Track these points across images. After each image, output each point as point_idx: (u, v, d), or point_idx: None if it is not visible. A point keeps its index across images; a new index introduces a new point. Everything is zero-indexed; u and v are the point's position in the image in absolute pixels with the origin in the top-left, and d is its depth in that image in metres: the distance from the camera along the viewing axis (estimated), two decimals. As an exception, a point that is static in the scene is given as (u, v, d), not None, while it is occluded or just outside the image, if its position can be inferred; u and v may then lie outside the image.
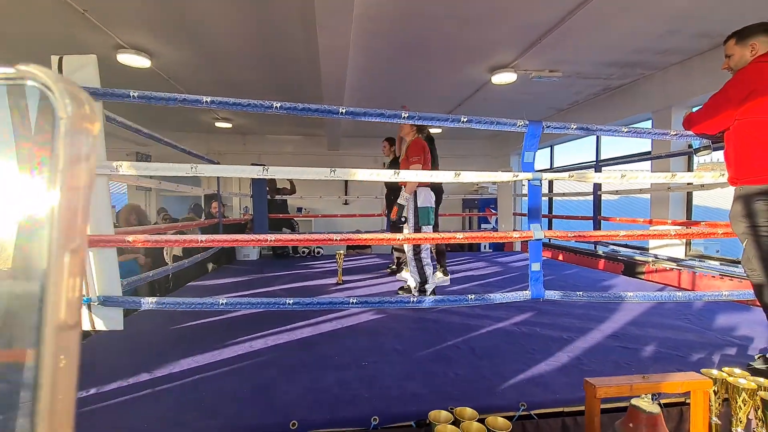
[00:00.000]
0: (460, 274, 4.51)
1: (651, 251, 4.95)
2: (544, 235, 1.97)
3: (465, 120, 1.95)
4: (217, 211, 4.67)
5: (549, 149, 7.89)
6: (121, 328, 1.90)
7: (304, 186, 8.14)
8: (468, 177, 1.98)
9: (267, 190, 5.92)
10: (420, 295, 3.17)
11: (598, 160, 6.18)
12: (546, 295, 2.04)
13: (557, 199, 7.33)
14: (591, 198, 5.22)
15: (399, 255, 4.49)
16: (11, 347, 0.34)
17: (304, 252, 6.25)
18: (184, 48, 4.21)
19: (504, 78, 4.90)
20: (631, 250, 5.21)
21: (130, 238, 1.72)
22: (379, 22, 3.59)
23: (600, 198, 5.13)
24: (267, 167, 1.78)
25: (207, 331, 2.52)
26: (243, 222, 5.86)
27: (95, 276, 1.77)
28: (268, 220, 5.49)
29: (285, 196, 6.55)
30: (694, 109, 2.20)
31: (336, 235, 1.86)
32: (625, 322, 2.65)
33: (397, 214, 3.10)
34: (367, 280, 4.18)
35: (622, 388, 1.14)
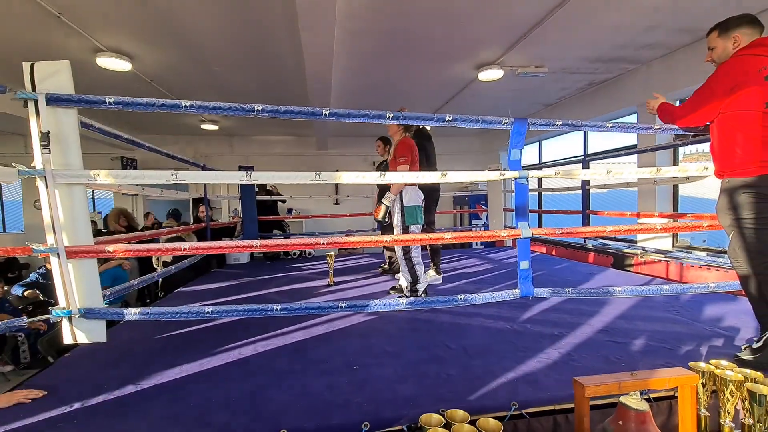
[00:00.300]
0: (452, 272, 4.51)
1: (639, 244, 5.01)
2: (532, 233, 1.97)
3: (450, 119, 1.94)
4: (205, 215, 4.60)
5: (537, 144, 7.95)
6: (104, 340, 1.85)
7: (294, 186, 8.09)
8: (454, 177, 1.97)
9: (257, 190, 5.86)
10: (411, 295, 3.16)
11: (585, 154, 6.24)
12: (535, 292, 2.04)
13: (548, 193, 7.37)
14: (580, 192, 5.26)
15: (391, 254, 4.48)
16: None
17: (295, 254, 6.20)
18: (166, 50, 4.13)
19: (490, 75, 4.91)
20: (620, 243, 5.27)
21: (110, 248, 1.68)
22: (363, 21, 3.56)
23: (588, 192, 5.17)
24: (251, 172, 1.74)
25: (194, 339, 2.48)
26: (232, 225, 5.79)
27: (75, 288, 1.72)
28: (257, 223, 5.44)
29: (276, 197, 6.48)
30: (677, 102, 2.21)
31: (323, 238, 1.84)
32: (615, 316, 2.67)
33: (380, 213, 3.07)
34: (358, 280, 4.16)
35: (611, 386, 1.14)
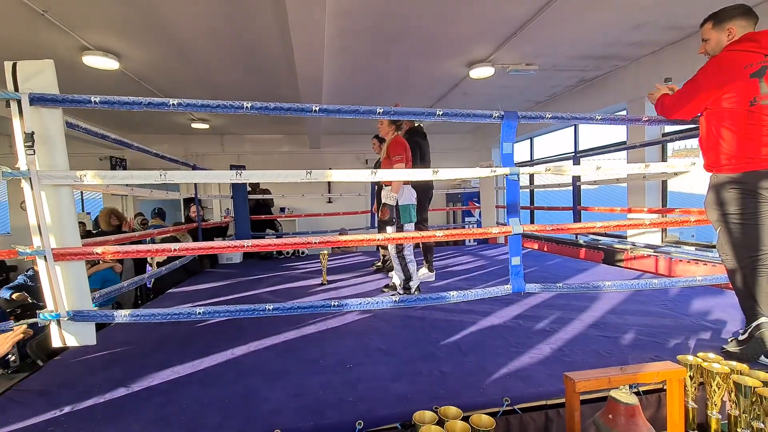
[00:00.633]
0: (445, 269, 4.53)
1: (629, 239, 5.07)
2: (523, 230, 1.98)
3: (440, 114, 1.94)
4: (196, 215, 4.56)
5: (529, 141, 8.00)
6: (93, 343, 1.83)
7: (287, 185, 8.04)
8: (446, 174, 1.98)
9: (249, 189, 5.81)
10: (405, 293, 3.17)
11: (576, 151, 6.29)
12: (527, 288, 2.06)
13: (539, 189, 7.42)
14: (571, 189, 5.30)
15: (385, 252, 4.48)
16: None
17: (288, 253, 6.18)
18: (154, 48, 4.07)
19: (482, 72, 4.93)
20: (611, 239, 5.32)
21: (98, 250, 1.65)
22: (353, 18, 3.54)
23: (579, 189, 5.21)
24: (241, 171, 1.73)
25: (186, 340, 2.45)
26: (224, 225, 5.74)
27: (63, 290, 1.69)
28: (249, 223, 5.40)
29: (268, 197, 6.45)
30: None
31: (315, 237, 1.83)
32: (605, 311, 2.70)
33: (387, 214, 3.10)
34: (352, 279, 4.15)
35: (601, 381, 1.16)
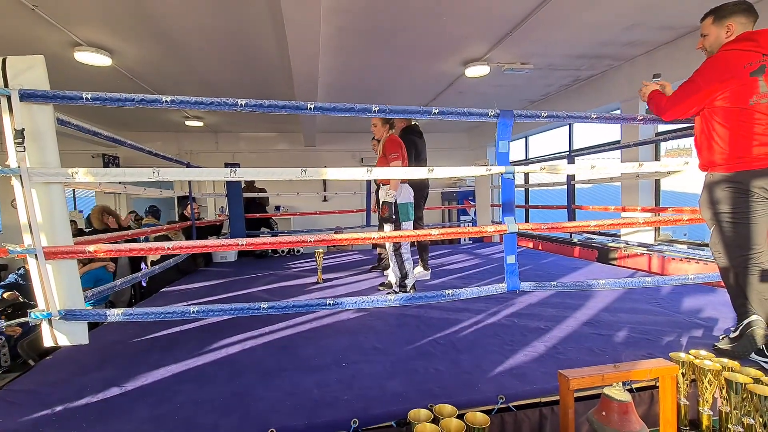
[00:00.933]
0: (441, 268, 4.54)
1: (623, 237, 5.11)
2: (518, 228, 1.99)
3: (436, 112, 1.94)
4: (190, 213, 4.53)
5: (524, 140, 8.03)
6: (86, 342, 1.81)
7: (282, 184, 8.01)
8: (441, 172, 1.98)
9: (244, 186, 5.78)
10: (401, 290, 3.18)
11: (570, 150, 6.32)
12: (521, 286, 2.07)
13: (534, 188, 7.46)
14: (566, 187, 5.33)
15: (381, 251, 4.48)
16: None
17: (283, 251, 6.16)
18: (148, 45, 4.03)
19: (477, 71, 4.93)
20: (604, 237, 5.36)
21: (90, 248, 1.63)
22: (349, 16, 3.52)
23: (574, 187, 5.24)
24: (235, 169, 1.72)
25: (180, 339, 2.44)
26: (218, 223, 5.71)
27: (55, 289, 1.67)
28: (244, 221, 5.38)
29: (263, 195, 6.42)
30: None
31: (310, 236, 1.82)
32: (599, 308, 2.72)
33: (386, 212, 3.10)
34: (347, 277, 4.15)
35: (594, 378, 1.16)
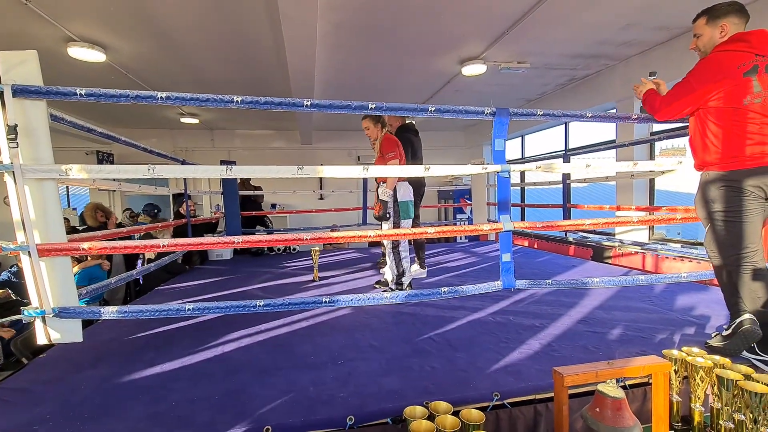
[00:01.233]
0: (437, 266, 4.55)
1: (617, 236, 5.14)
2: (513, 226, 2.00)
3: (433, 109, 1.94)
4: (186, 211, 4.50)
5: (520, 139, 8.06)
6: (80, 340, 1.80)
7: (278, 182, 7.99)
8: (438, 171, 1.98)
9: (239, 186, 5.75)
10: (397, 288, 3.19)
11: (566, 149, 6.35)
12: (517, 284, 2.08)
13: (530, 187, 7.48)
14: (561, 186, 5.35)
15: (383, 248, 4.48)
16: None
17: (279, 249, 6.15)
18: (143, 41, 4.00)
19: (474, 69, 4.94)
20: (599, 236, 5.40)
21: (84, 246, 1.62)
22: (345, 13, 3.51)
23: (569, 186, 5.27)
24: (231, 167, 1.71)
25: (176, 336, 2.43)
26: (213, 221, 5.68)
27: (48, 286, 1.66)
28: (240, 219, 5.35)
29: (258, 193, 6.40)
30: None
31: (306, 234, 1.82)
32: (594, 306, 2.74)
33: (381, 210, 3.12)
34: (343, 275, 4.15)
35: (588, 375, 1.17)
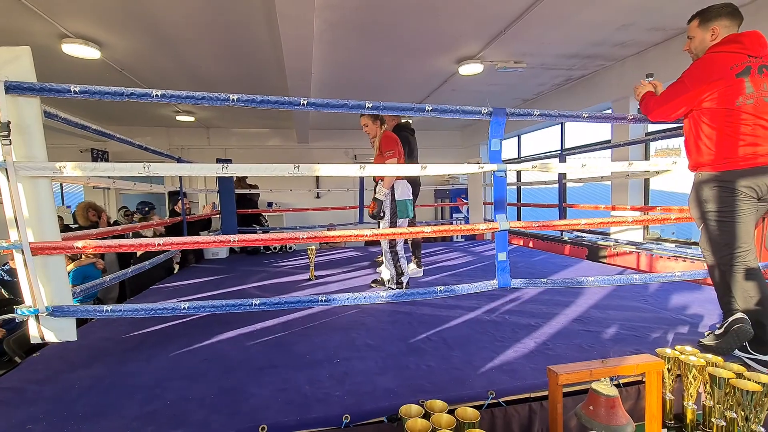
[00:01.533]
0: (433, 265, 4.56)
1: (612, 236, 5.18)
2: (509, 226, 2.01)
3: (430, 109, 1.94)
4: (181, 209, 4.48)
5: (516, 139, 8.08)
6: (74, 339, 1.79)
7: (274, 180, 7.96)
8: (434, 170, 1.98)
9: (237, 185, 5.72)
10: (396, 287, 3.19)
11: (562, 149, 6.38)
12: (512, 283, 2.09)
13: (527, 186, 7.50)
14: (557, 186, 5.37)
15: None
16: None
17: (275, 248, 6.13)
18: (138, 37, 3.96)
19: (471, 69, 4.94)
20: (594, 236, 5.43)
21: (78, 244, 1.61)
22: (342, 11, 3.51)
23: (565, 186, 5.29)
24: (227, 165, 1.70)
25: (171, 335, 2.42)
26: (206, 218, 5.64)
27: (42, 285, 1.65)
28: (236, 217, 5.33)
29: (254, 191, 6.37)
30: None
31: (302, 233, 1.82)
32: (588, 305, 2.76)
33: (375, 208, 3.11)
34: (340, 274, 4.15)
35: (582, 373, 1.18)
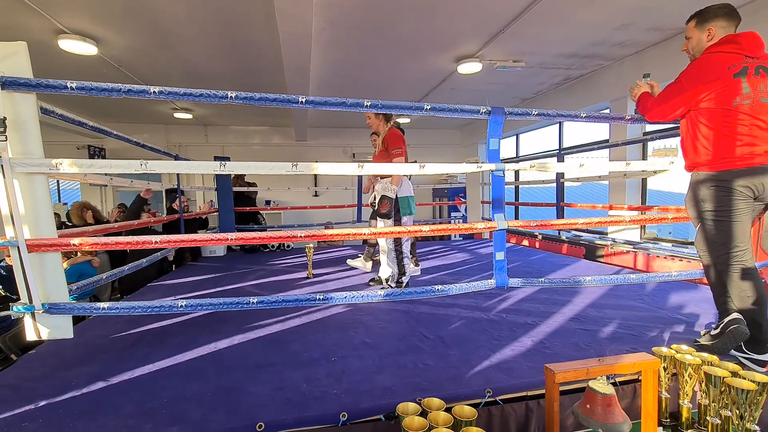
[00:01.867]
0: (431, 264, 4.56)
1: (609, 235, 5.19)
2: (507, 225, 2.01)
3: (428, 108, 1.93)
4: (179, 206, 4.46)
5: (515, 138, 8.09)
6: (70, 336, 1.78)
7: (273, 178, 7.95)
8: (432, 169, 1.98)
9: (235, 183, 5.71)
10: (397, 287, 3.19)
11: (560, 148, 6.38)
12: (510, 282, 2.09)
13: (525, 186, 7.52)
14: (555, 185, 5.38)
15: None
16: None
17: (273, 246, 6.12)
18: (135, 34, 3.94)
19: (469, 68, 4.94)
20: (592, 235, 5.45)
21: (75, 241, 1.60)
22: (341, 9, 3.49)
23: (563, 185, 5.30)
24: (225, 163, 1.70)
25: (168, 333, 2.42)
26: (203, 216, 5.63)
27: (38, 282, 1.64)
28: (234, 215, 5.31)
29: (252, 189, 6.36)
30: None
31: (300, 231, 1.82)
32: (586, 304, 2.77)
33: (387, 207, 3.08)
34: (337, 272, 4.14)
35: (579, 372, 1.19)
